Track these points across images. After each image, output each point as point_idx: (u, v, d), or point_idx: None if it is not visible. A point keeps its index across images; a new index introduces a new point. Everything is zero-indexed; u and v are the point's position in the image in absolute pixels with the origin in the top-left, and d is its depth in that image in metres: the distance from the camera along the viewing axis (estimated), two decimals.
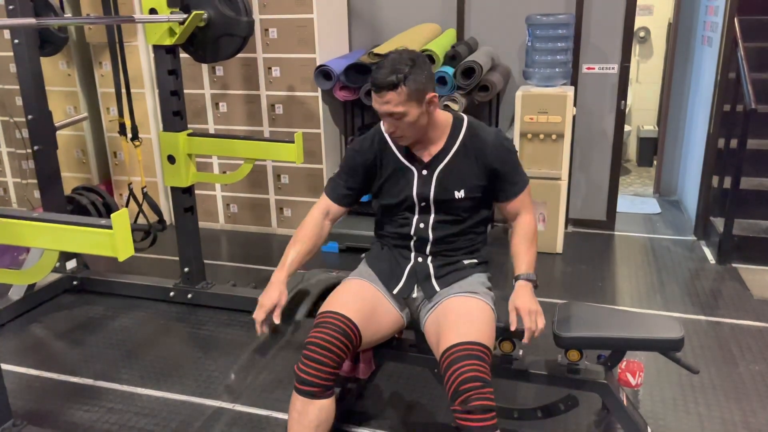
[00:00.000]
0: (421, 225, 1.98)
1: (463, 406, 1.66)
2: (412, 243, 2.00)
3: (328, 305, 1.90)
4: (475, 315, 1.84)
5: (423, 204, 1.96)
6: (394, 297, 2.00)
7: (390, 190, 2.00)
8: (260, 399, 2.52)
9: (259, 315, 1.92)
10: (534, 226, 2.01)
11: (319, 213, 2.09)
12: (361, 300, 1.93)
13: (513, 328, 1.83)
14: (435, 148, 1.94)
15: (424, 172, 1.95)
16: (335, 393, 1.86)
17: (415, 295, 2.00)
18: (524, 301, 1.84)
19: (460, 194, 1.93)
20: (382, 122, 1.90)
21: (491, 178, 1.95)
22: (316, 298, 2.22)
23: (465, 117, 1.99)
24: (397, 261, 2.03)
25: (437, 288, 1.97)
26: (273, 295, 1.93)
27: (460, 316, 1.83)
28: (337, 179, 2.08)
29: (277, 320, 1.91)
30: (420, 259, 2.00)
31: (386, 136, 1.97)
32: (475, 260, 2.02)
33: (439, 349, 1.78)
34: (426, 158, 1.94)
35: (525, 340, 1.81)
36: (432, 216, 1.97)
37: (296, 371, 1.81)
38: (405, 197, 1.97)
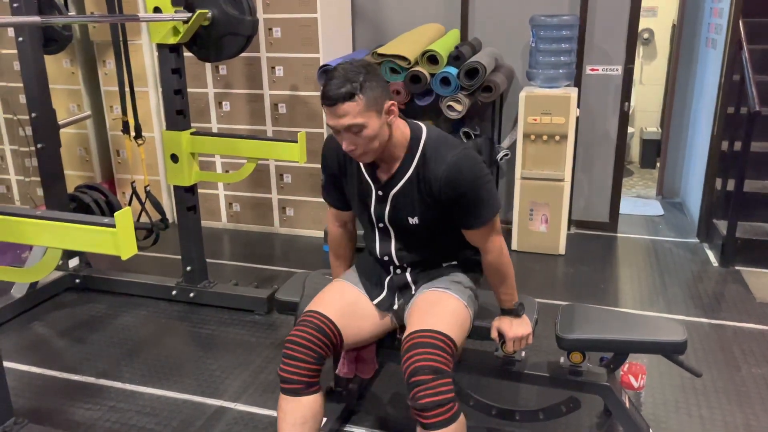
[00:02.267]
0: (385, 249, 1.94)
1: (412, 403, 1.64)
2: (380, 255, 1.97)
3: (310, 305, 1.91)
4: (441, 306, 1.82)
5: (381, 225, 1.90)
6: (376, 305, 1.99)
7: (354, 204, 1.94)
8: (261, 398, 2.52)
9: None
10: (499, 257, 1.84)
11: (333, 224, 2.08)
12: (343, 300, 1.93)
13: (494, 336, 1.95)
14: (393, 166, 1.81)
15: (380, 192, 1.85)
16: (321, 389, 1.85)
17: (396, 307, 1.98)
18: (506, 326, 1.92)
19: (414, 221, 1.83)
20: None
21: (445, 210, 1.79)
22: None
23: (423, 132, 1.81)
24: (379, 272, 2.01)
25: (413, 291, 1.96)
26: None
27: (423, 309, 1.83)
28: (324, 183, 2.02)
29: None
30: (398, 272, 1.97)
31: None
32: (455, 261, 1.97)
33: (407, 330, 1.78)
34: (384, 177, 1.83)
35: (509, 348, 1.94)
36: (392, 237, 1.91)
37: (278, 371, 1.81)
38: (365, 215, 1.92)
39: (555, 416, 2.13)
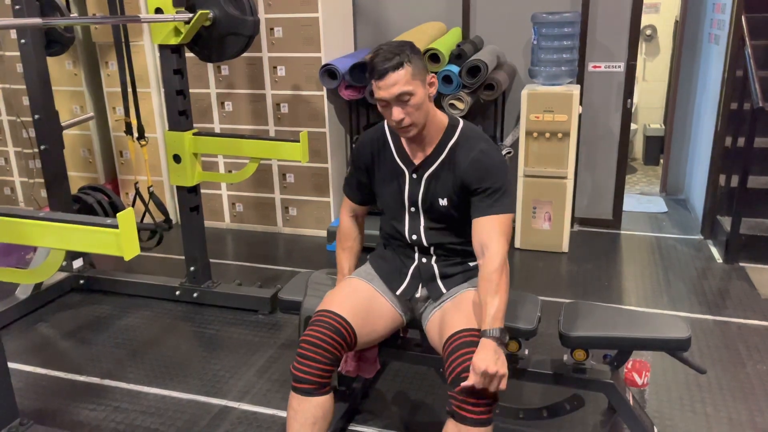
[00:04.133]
0: (414, 229, 1.97)
1: (461, 395, 1.65)
2: (412, 245, 1.99)
3: (323, 304, 1.91)
4: (479, 305, 1.78)
5: (413, 209, 1.95)
6: (397, 297, 1.99)
7: (385, 191, 2.00)
8: (265, 398, 2.52)
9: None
10: (500, 265, 1.73)
11: (346, 214, 2.14)
12: (357, 299, 1.93)
13: (468, 383, 1.62)
14: (428, 150, 1.90)
15: (414, 175, 1.93)
16: (332, 390, 1.86)
17: (418, 294, 1.99)
18: (481, 358, 1.61)
19: (443, 202, 1.90)
20: (386, 119, 1.85)
21: (465, 194, 1.85)
22: None
23: (460, 123, 1.93)
24: (402, 261, 2.02)
25: (443, 289, 1.95)
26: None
27: (462, 308, 1.83)
28: (348, 177, 2.11)
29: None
30: (424, 260, 1.99)
31: (387, 134, 1.97)
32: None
33: (443, 336, 1.78)
34: (417, 160, 1.92)
35: (471, 382, 1.62)
36: (422, 221, 1.95)
37: (291, 369, 1.82)
38: (398, 199, 1.97)
39: (559, 414, 2.13)
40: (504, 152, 3.98)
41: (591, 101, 4.08)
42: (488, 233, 1.78)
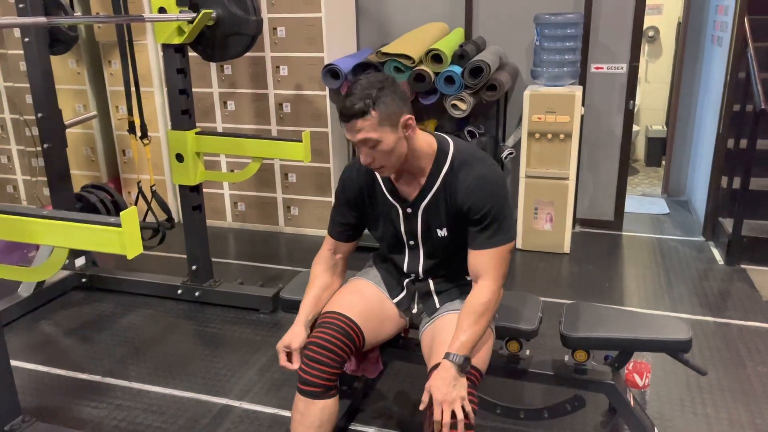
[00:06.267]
0: (413, 266, 1.93)
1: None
2: (407, 272, 1.95)
3: (331, 305, 1.90)
4: None
5: (412, 242, 1.89)
6: (396, 304, 1.99)
7: (380, 228, 1.93)
8: (267, 397, 2.53)
9: (281, 361, 1.86)
10: (489, 298, 1.72)
11: (326, 249, 2.01)
12: (364, 300, 1.92)
13: (421, 407, 1.65)
14: (420, 182, 1.80)
15: (409, 210, 1.84)
16: (338, 393, 1.85)
17: (414, 310, 1.97)
18: (438, 386, 1.62)
19: (442, 233, 1.83)
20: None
21: (463, 222, 1.78)
22: None
23: (450, 146, 1.80)
24: (399, 274, 1.99)
25: (437, 305, 1.92)
26: (285, 338, 1.86)
27: (448, 333, 1.76)
28: (333, 214, 2.00)
29: (295, 365, 1.82)
30: (421, 277, 1.95)
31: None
32: None
33: (429, 364, 1.75)
34: (411, 195, 1.83)
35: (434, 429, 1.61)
36: (421, 258, 1.90)
37: (298, 371, 1.80)
38: (394, 235, 1.90)
39: (560, 414, 2.13)
40: (506, 153, 3.98)
41: (593, 102, 4.08)
42: (485, 267, 1.74)
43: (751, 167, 3.58)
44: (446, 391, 1.61)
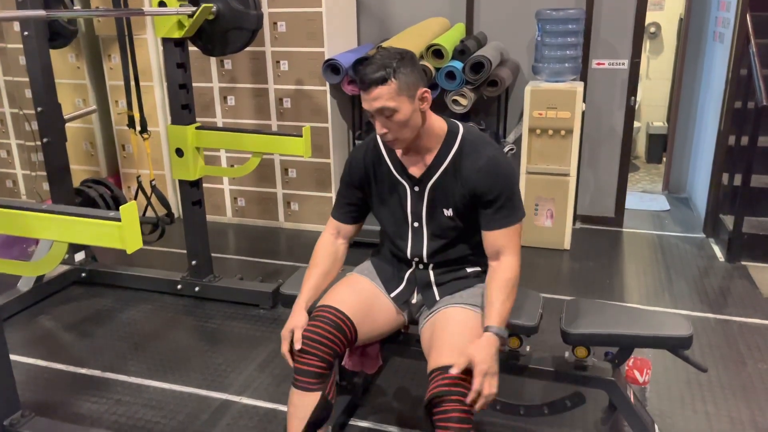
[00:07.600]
0: (417, 249, 1.92)
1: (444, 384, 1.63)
2: (412, 258, 1.95)
3: (324, 299, 1.90)
4: (469, 331, 1.77)
5: (416, 224, 1.90)
6: (393, 299, 1.98)
7: (385, 207, 1.93)
8: (266, 392, 2.53)
9: (283, 348, 1.85)
10: (515, 274, 1.78)
11: (329, 233, 2.03)
12: (358, 295, 1.92)
13: (455, 371, 1.62)
14: (427, 161, 1.83)
15: (416, 188, 1.86)
16: (334, 387, 1.85)
17: (414, 300, 1.97)
18: (484, 358, 1.63)
19: (448, 213, 1.85)
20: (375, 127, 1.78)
21: (475, 204, 1.81)
22: None
23: (460, 129, 1.85)
24: (399, 266, 1.99)
25: (437, 296, 1.92)
26: (289, 324, 1.86)
27: (453, 334, 1.77)
28: (338, 195, 2.02)
29: (297, 345, 1.80)
30: (421, 266, 1.96)
31: (381, 147, 1.90)
32: (479, 268, 1.95)
33: (429, 362, 1.75)
34: (418, 173, 1.85)
35: (468, 400, 1.61)
36: (425, 239, 1.90)
37: (294, 364, 1.81)
38: (399, 215, 1.91)
39: (559, 411, 2.13)
40: (506, 149, 3.97)
41: (594, 98, 4.08)
42: (505, 244, 1.80)
43: (752, 164, 3.58)
44: (491, 364, 1.65)
